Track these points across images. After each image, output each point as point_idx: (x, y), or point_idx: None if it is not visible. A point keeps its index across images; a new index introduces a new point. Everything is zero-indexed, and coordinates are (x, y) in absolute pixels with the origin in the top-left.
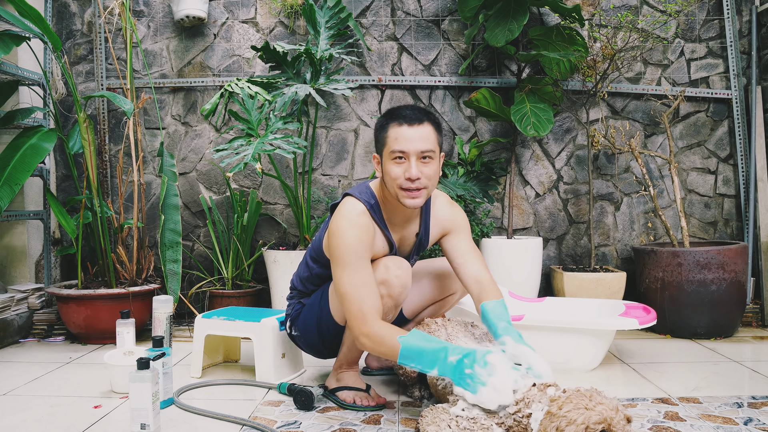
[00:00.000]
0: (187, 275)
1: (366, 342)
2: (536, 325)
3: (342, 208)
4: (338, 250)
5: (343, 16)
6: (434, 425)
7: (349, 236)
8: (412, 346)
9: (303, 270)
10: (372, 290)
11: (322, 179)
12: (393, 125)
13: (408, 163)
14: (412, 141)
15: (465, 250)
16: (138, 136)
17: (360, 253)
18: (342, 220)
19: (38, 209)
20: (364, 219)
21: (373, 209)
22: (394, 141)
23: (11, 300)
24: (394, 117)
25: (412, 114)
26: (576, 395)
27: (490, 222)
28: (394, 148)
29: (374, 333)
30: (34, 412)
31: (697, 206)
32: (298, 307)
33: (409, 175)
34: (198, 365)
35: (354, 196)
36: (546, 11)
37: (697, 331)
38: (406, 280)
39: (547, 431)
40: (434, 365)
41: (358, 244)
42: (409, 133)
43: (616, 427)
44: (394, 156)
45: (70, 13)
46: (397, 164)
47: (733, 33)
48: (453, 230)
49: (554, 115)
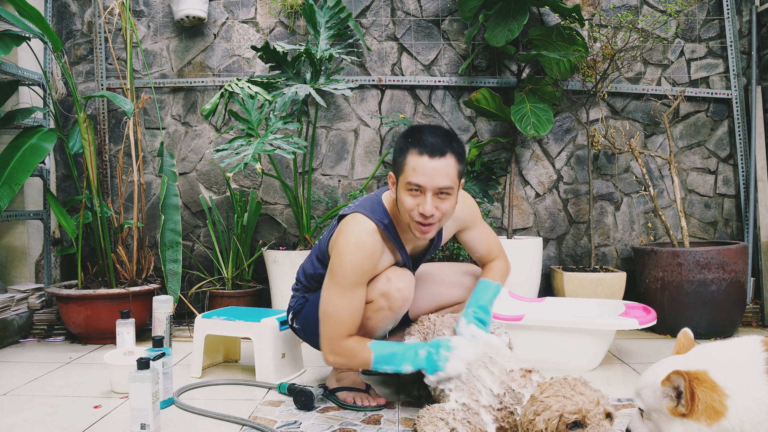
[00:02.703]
0: (187, 275)
1: (337, 359)
2: (536, 325)
3: (351, 224)
4: (337, 268)
5: (343, 16)
6: (431, 425)
7: (353, 258)
8: (383, 351)
9: (308, 266)
10: (356, 317)
11: (322, 179)
12: (413, 152)
13: (423, 197)
14: (430, 176)
15: (480, 242)
16: (138, 136)
17: (358, 277)
18: (350, 239)
19: (38, 209)
20: (373, 240)
21: (387, 229)
22: (412, 172)
23: (11, 300)
24: (415, 143)
25: (435, 143)
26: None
27: (490, 222)
28: (411, 180)
29: (346, 349)
30: (34, 412)
31: (697, 206)
32: (302, 301)
33: (423, 210)
34: (198, 365)
35: (365, 214)
36: (546, 11)
37: (697, 331)
38: (408, 293)
39: (526, 414)
40: (406, 362)
41: (359, 268)
42: (429, 166)
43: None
44: (410, 188)
45: (70, 13)
46: (412, 196)
47: (733, 33)
48: (467, 226)
49: (554, 115)
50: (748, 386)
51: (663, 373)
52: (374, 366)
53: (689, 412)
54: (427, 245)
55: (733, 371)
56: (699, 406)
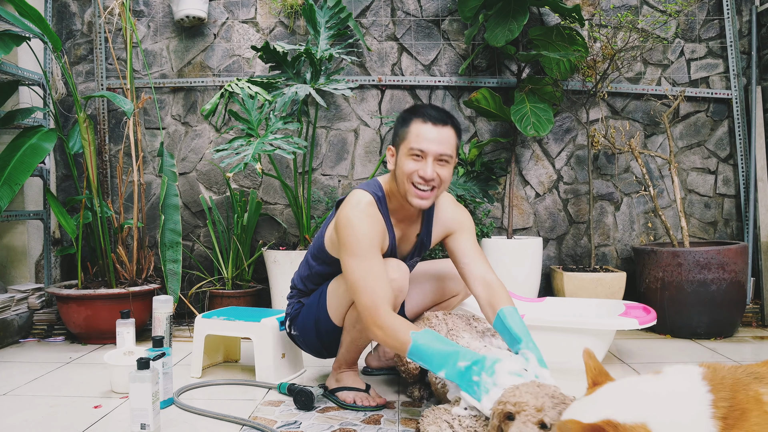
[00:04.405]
0: (187, 275)
1: (378, 333)
2: (536, 325)
3: (350, 199)
4: (349, 238)
5: (343, 16)
6: (435, 425)
7: (361, 225)
8: (423, 344)
9: (304, 269)
10: (383, 281)
11: (322, 179)
12: (416, 121)
13: (425, 162)
14: (433, 141)
15: (470, 250)
16: (138, 136)
17: (371, 242)
18: (353, 210)
19: (38, 209)
20: (373, 209)
21: (379, 201)
22: (415, 138)
23: (11, 300)
24: (418, 113)
25: (437, 114)
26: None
27: (490, 222)
28: (414, 146)
29: (387, 324)
30: (35, 412)
31: (697, 206)
32: (297, 307)
33: (424, 174)
34: (198, 365)
35: (361, 188)
36: (546, 11)
37: (697, 331)
38: (402, 283)
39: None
40: (443, 367)
41: (371, 233)
42: (431, 133)
43: (520, 416)
44: (413, 153)
45: (70, 13)
46: (413, 160)
47: (733, 33)
48: (457, 230)
49: (554, 115)
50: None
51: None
52: (409, 355)
53: None
54: (415, 243)
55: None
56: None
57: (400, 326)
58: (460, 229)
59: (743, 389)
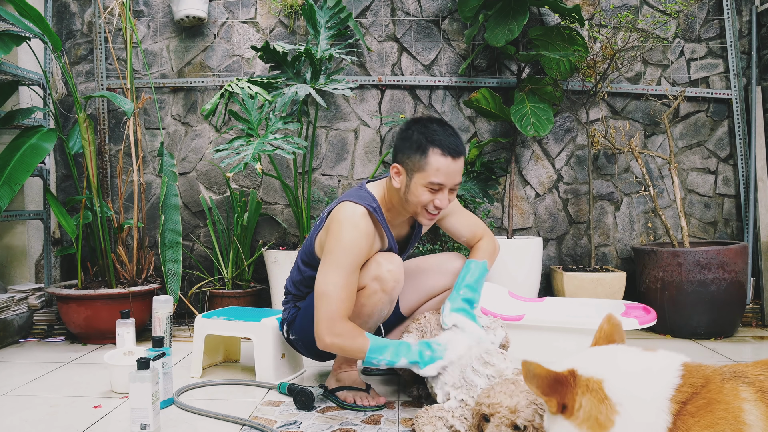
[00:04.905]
0: (187, 275)
1: (336, 341)
2: (536, 325)
3: (342, 211)
4: (334, 248)
5: (343, 16)
6: (430, 425)
7: (349, 237)
8: (379, 342)
9: (295, 274)
10: (352, 297)
11: (322, 179)
12: (436, 153)
13: (442, 193)
14: (452, 175)
15: (464, 223)
16: (138, 136)
17: (356, 258)
18: (344, 222)
19: (38, 209)
20: (366, 222)
21: (376, 212)
22: (435, 172)
23: (11, 300)
24: (437, 143)
25: (454, 145)
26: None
27: (490, 222)
28: (434, 180)
29: (346, 331)
30: (34, 412)
31: (697, 206)
32: (293, 311)
33: (440, 204)
34: (198, 365)
35: (353, 201)
36: (546, 11)
37: (697, 331)
38: (398, 274)
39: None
40: (400, 356)
41: (356, 248)
42: (452, 167)
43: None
44: (432, 186)
45: (70, 13)
46: (431, 192)
47: (733, 33)
48: (447, 212)
49: (554, 115)
50: (643, 412)
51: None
52: (369, 354)
53: (568, 416)
54: (408, 233)
55: (634, 390)
56: (580, 413)
57: (355, 330)
58: (447, 211)
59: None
